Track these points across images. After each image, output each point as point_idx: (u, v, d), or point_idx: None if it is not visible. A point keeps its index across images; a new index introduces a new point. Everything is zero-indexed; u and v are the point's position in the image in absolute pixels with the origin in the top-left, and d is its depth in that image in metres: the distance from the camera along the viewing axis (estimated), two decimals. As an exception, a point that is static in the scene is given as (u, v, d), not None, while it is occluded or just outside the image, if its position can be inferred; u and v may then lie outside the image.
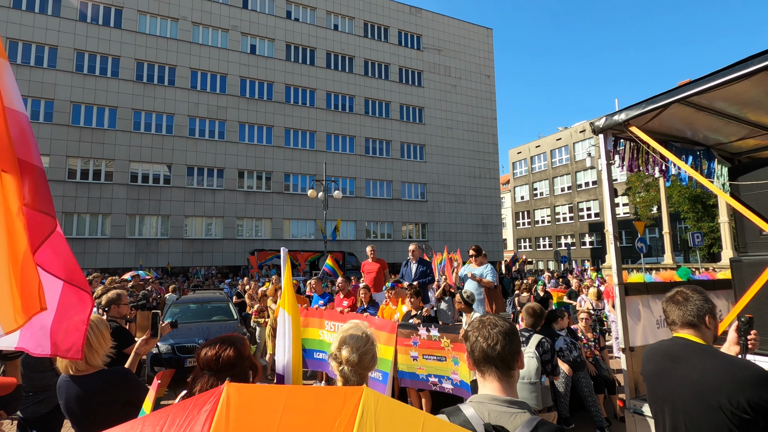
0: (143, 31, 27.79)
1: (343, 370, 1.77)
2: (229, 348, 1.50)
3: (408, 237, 34.00)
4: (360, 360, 1.77)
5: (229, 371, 1.46)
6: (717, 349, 1.77)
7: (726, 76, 2.68)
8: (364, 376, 1.81)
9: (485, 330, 1.35)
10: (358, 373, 1.77)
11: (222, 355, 1.48)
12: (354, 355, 1.77)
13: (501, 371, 1.32)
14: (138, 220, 26.55)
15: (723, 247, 16.41)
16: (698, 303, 1.79)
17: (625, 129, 3.39)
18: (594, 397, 5.02)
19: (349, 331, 1.88)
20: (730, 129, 3.82)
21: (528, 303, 4.67)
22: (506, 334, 1.34)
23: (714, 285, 4.11)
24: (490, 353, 1.32)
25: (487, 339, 1.33)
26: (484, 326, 1.37)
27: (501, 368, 1.32)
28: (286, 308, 2.36)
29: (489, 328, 1.35)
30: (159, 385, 1.55)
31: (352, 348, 1.79)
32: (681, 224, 30.15)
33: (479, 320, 1.41)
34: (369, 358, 1.81)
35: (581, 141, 40.97)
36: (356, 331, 1.87)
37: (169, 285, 14.81)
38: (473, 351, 1.36)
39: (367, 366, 1.81)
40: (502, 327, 1.36)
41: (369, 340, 1.85)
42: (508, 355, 1.32)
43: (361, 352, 1.79)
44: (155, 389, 1.56)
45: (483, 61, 38.95)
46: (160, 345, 7.02)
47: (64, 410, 2.04)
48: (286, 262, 2.61)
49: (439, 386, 4.77)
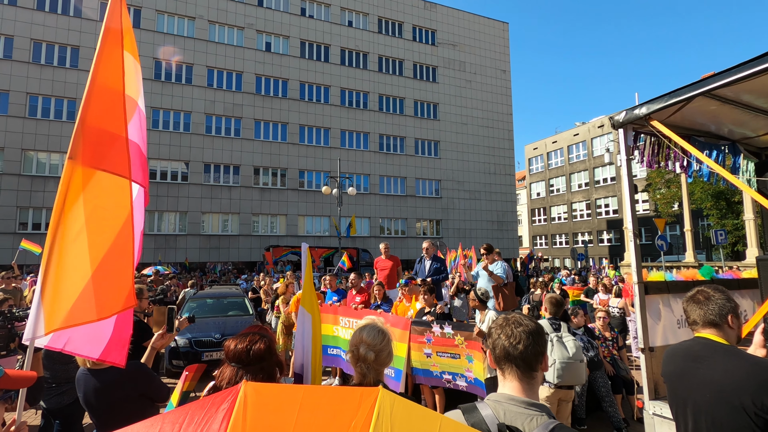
0: (161, 30, 28.24)
1: (361, 366, 1.80)
2: (260, 341, 1.50)
3: (422, 234, 33.90)
4: (377, 356, 1.80)
5: (258, 364, 1.46)
6: (740, 349, 1.71)
7: (754, 68, 2.57)
8: (381, 372, 1.84)
9: (509, 328, 1.31)
10: (374, 369, 1.80)
11: (253, 348, 1.47)
12: (371, 352, 1.79)
13: (522, 371, 1.27)
14: (157, 216, 27.09)
15: (748, 245, 15.91)
16: (720, 302, 1.74)
17: (646, 123, 3.30)
18: (611, 398, 4.94)
19: (366, 327, 1.91)
20: (757, 123, 3.68)
21: (550, 294, 4.70)
22: (531, 334, 1.29)
23: (739, 284, 3.98)
24: (511, 352, 1.27)
25: (510, 337, 1.29)
26: (508, 324, 1.32)
27: (522, 368, 1.27)
28: (306, 306, 2.29)
29: (513, 327, 1.31)
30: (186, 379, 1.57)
31: (370, 344, 1.81)
32: (703, 221, 29.34)
33: (504, 318, 1.36)
34: (386, 354, 1.83)
35: (599, 136, 40.14)
36: (373, 328, 1.89)
37: (187, 280, 15.08)
38: (494, 348, 1.32)
39: (383, 362, 1.83)
40: (527, 326, 1.31)
41: (386, 336, 1.87)
42: (531, 355, 1.28)
43: (378, 348, 1.81)
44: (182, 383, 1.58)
45: (498, 56, 38.45)
46: (178, 339, 7.16)
47: (83, 402, 2.09)
48: (307, 258, 2.50)
49: (453, 383, 4.75)
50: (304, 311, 2.26)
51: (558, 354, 4.02)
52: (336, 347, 5.76)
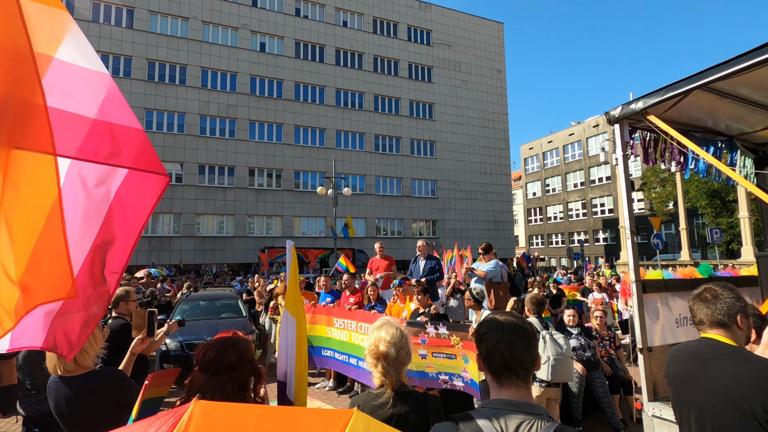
0: (154, 30, 28.03)
1: (382, 365, 1.77)
2: (230, 349, 1.41)
3: (418, 234, 33.83)
4: (397, 355, 1.78)
5: (228, 374, 1.37)
6: (750, 352, 1.61)
7: (752, 60, 2.51)
8: (402, 372, 1.82)
9: (506, 335, 1.22)
10: (396, 369, 1.78)
11: (223, 356, 1.39)
12: (392, 350, 1.77)
13: (521, 378, 1.21)
14: (151, 218, 26.81)
15: (743, 243, 15.95)
16: (729, 301, 1.64)
17: (642, 118, 3.23)
18: (609, 398, 4.87)
19: (383, 325, 1.89)
20: (755, 117, 3.63)
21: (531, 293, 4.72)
22: (527, 339, 1.23)
23: (737, 282, 3.91)
24: (511, 362, 1.20)
25: (509, 346, 1.21)
26: (504, 330, 1.23)
27: (521, 375, 1.21)
28: (290, 310, 2.14)
29: (509, 333, 1.22)
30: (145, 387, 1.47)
31: (389, 343, 1.79)
32: (698, 220, 29.45)
33: (495, 323, 1.27)
34: (405, 353, 1.82)
35: (594, 136, 40.25)
36: (391, 325, 1.88)
37: (183, 283, 14.93)
38: (490, 357, 1.23)
39: (403, 361, 1.81)
40: (522, 332, 1.23)
41: (403, 335, 1.87)
42: (529, 361, 1.22)
43: (398, 346, 1.80)
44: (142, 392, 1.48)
45: (494, 56, 38.47)
46: (169, 342, 7.04)
47: (54, 412, 1.97)
48: (293, 258, 2.33)
49: (449, 384, 4.66)
50: (288, 315, 2.12)
51: (551, 351, 3.99)
52: (329, 349, 5.67)
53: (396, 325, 1.87)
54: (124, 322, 3.67)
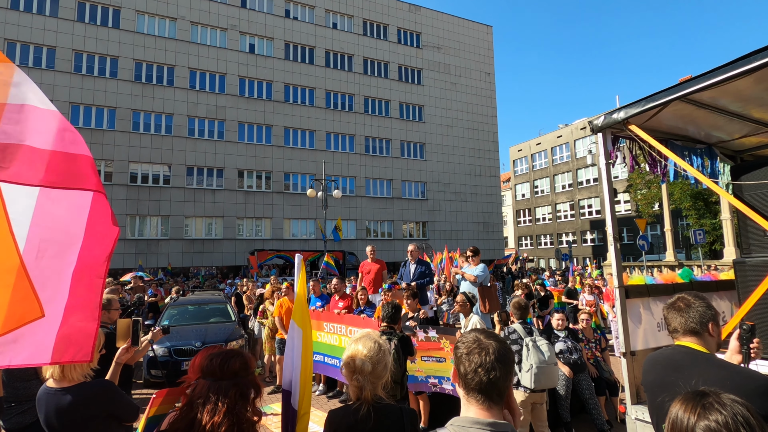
0: (141, 31, 27.70)
1: (357, 379, 1.78)
2: (235, 358, 1.47)
3: (408, 236, 33.91)
4: (373, 369, 1.78)
5: (232, 379, 1.42)
6: (720, 359, 1.70)
7: (728, 73, 2.60)
8: (378, 386, 1.81)
9: (488, 360, 1.19)
10: (371, 382, 1.78)
11: (229, 363, 1.44)
12: (368, 365, 1.78)
13: (493, 401, 1.19)
14: (138, 220, 26.51)
15: (725, 245, 16.31)
16: (701, 310, 1.72)
17: (624, 128, 3.31)
18: (595, 400, 4.95)
19: (361, 338, 1.89)
20: (732, 126, 3.74)
21: (515, 299, 4.77)
22: (506, 366, 1.20)
23: (717, 286, 4.03)
24: (488, 387, 1.18)
25: (489, 372, 1.17)
26: (486, 354, 1.19)
27: (495, 399, 1.19)
28: (297, 321, 2.14)
29: (491, 359, 1.19)
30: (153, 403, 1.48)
31: (366, 357, 1.79)
32: (682, 221, 30.01)
33: (478, 344, 1.22)
34: (382, 366, 1.82)
35: (582, 138, 40.80)
36: (369, 339, 1.87)
37: (171, 287, 14.74)
38: (467, 378, 1.20)
39: (380, 375, 1.81)
40: (504, 359, 1.20)
41: (382, 348, 1.86)
42: (505, 387, 1.20)
43: (374, 360, 1.80)
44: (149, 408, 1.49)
45: (483, 58, 38.79)
46: (157, 348, 6.96)
47: (44, 424, 1.96)
48: (301, 269, 2.29)
49: (439, 387, 4.70)
50: (295, 326, 2.12)
51: (534, 359, 4.02)
52: (319, 353, 5.67)
53: (375, 339, 1.87)
54: (107, 331, 3.63)
